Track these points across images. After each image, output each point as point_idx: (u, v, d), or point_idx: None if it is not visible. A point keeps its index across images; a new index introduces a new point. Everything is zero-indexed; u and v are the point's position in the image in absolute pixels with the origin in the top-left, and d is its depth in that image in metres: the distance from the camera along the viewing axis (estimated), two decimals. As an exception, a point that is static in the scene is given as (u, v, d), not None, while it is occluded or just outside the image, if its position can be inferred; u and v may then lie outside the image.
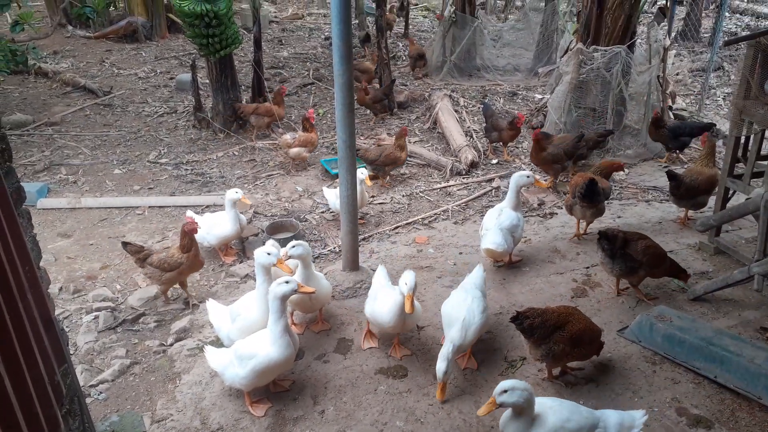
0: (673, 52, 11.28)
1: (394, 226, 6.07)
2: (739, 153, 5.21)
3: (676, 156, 7.64)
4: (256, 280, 3.86)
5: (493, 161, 7.76)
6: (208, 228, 5.23)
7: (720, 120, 8.72)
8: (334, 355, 4.10)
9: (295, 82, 11.11)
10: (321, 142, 8.07)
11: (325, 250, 5.61)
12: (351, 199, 4.59)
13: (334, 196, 5.77)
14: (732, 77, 11.01)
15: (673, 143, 7.28)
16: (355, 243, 4.81)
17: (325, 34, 15.29)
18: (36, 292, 2.23)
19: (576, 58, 7.42)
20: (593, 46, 7.45)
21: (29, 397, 2.01)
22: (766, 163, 5.06)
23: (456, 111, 9.08)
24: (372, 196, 6.72)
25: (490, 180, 7.20)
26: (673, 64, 10.89)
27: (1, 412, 1.82)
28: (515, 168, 7.44)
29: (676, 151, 7.56)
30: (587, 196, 5.18)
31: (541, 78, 11.12)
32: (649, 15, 13.40)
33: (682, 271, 4.55)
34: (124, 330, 4.48)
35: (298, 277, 3.92)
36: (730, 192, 5.32)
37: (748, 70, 4.77)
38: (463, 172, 7.33)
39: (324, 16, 17.82)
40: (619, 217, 6.19)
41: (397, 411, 3.59)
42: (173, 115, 9.38)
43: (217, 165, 7.58)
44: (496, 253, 4.82)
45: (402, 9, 15.97)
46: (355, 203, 4.66)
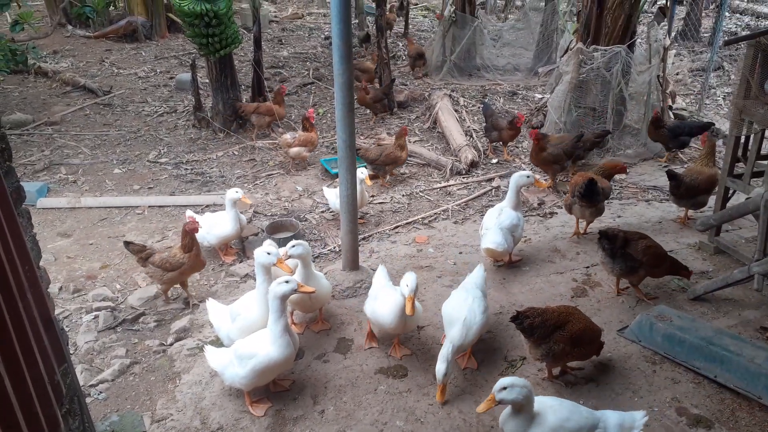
0: (673, 51, 11.28)
1: (394, 226, 6.07)
2: (739, 152, 5.22)
3: (674, 155, 7.63)
4: (256, 279, 3.86)
5: (493, 161, 7.76)
6: (208, 228, 5.23)
7: (720, 120, 8.72)
8: (334, 354, 4.10)
9: (295, 81, 11.11)
10: (321, 142, 8.08)
11: (325, 250, 5.61)
12: (351, 198, 4.59)
13: (334, 196, 5.77)
14: (732, 77, 11.01)
15: (673, 143, 7.27)
16: (355, 242, 4.81)
17: (325, 33, 15.28)
18: (36, 292, 2.22)
19: (576, 57, 7.42)
20: (593, 46, 7.44)
21: (29, 396, 2.01)
22: (766, 162, 5.06)
23: (456, 110, 9.08)
24: (372, 196, 6.72)
25: (490, 179, 7.20)
26: (673, 63, 10.89)
27: (1, 411, 1.82)
28: (515, 167, 7.44)
29: (674, 151, 7.56)
30: (586, 196, 5.19)
31: (541, 77, 11.12)
32: (649, 15, 13.40)
33: (684, 268, 4.53)
34: (124, 329, 4.48)
35: (298, 276, 3.92)
36: (730, 191, 5.32)
37: (748, 69, 4.77)
38: (463, 172, 7.33)
39: (324, 16, 17.81)
40: (619, 216, 6.19)
41: (397, 411, 3.59)
42: (173, 114, 9.38)
43: (217, 164, 7.58)
44: (496, 253, 4.82)
45: (401, 8, 15.97)
46: (355, 203, 4.65)
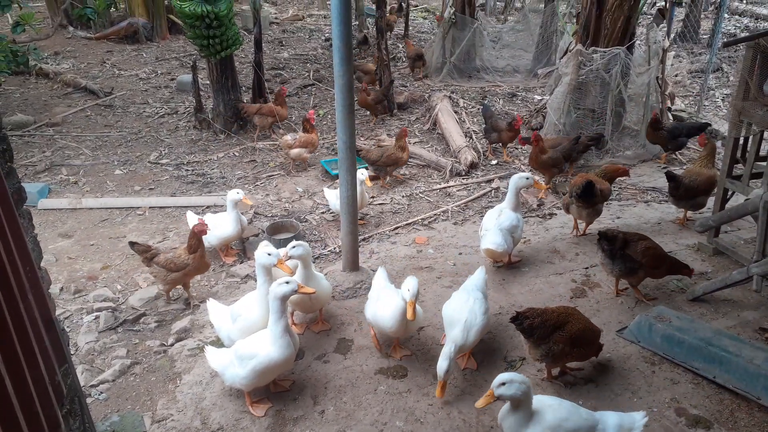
0: (672, 53, 11.30)
1: (394, 227, 6.08)
2: (738, 154, 5.23)
3: (672, 156, 7.64)
4: (256, 280, 3.87)
5: (493, 162, 7.78)
6: (209, 228, 5.24)
7: (719, 121, 8.73)
8: (334, 355, 4.11)
9: (296, 83, 11.14)
10: (321, 143, 8.09)
11: (325, 251, 5.62)
12: (351, 199, 4.60)
13: (335, 197, 5.78)
14: (731, 78, 11.02)
15: (672, 144, 7.29)
16: (355, 243, 4.82)
17: (326, 35, 15.31)
18: (37, 293, 2.23)
19: (575, 59, 7.44)
20: (592, 48, 7.46)
21: (30, 396, 2.01)
22: (764, 163, 5.07)
23: (455, 112, 9.09)
24: (372, 197, 6.74)
25: (490, 181, 7.21)
26: (672, 65, 10.90)
27: (1, 411, 1.83)
28: (515, 169, 7.45)
29: (672, 152, 7.57)
30: (582, 197, 5.23)
31: (541, 79, 11.14)
32: (648, 16, 13.41)
33: (684, 267, 4.53)
34: (125, 330, 4.49)
35: (298, 277, 3.93)
36: (729, 193, 5.33)
37: (747, 71, 4.78)
38: (463, 173, 7.35)
39: (324, 18, 17.84)
40: (618, 217, 6.20)
41: (396, 411, 3.60)
42: (174, 115, 9.40)
43: (218, 166, 7.60)
44: (495, 254, 4.83)
45: (400, 10, 15.99)
46: (356, 204, 4.66)
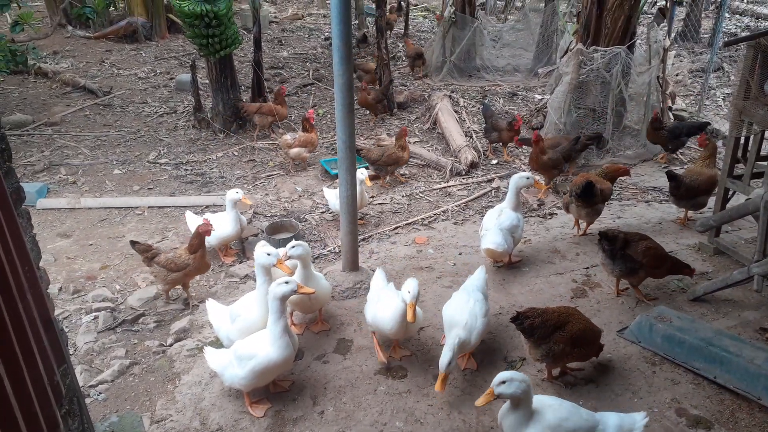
0: (673, 52, 11.29)
1: (394, 227, 6.07)
2: (739, 153, 5.22)
3: (671, 153, 7.63)
4: (255, 280, 3.86)
5: (493, 161, 7.77)
6: (214, 229, 5.21)
7: (719, 121, 8.72)
8: (334, 355, 4.10)
9: (295, 82, 11.12)
10: (321, 143, 8.08)
11: (324, 251, 5.61)
12: (351, 199, 4.59)
13: (334, 197, 5.77)
14: (732, 78, 11.01)
15: (672, 144, 7.28)
16: (354, 243, 4.81)
17: (325, 34, 15.29)
18: (35, 293, 2.22)
19: (576, 58, 7.43)
20: (593, 47, 7.45)
21: (28, 397, 2.00)
22: (765, 163, 5.06)
23: (456, 111, 9.08)
24: (372, 197, 6.73)
25: (490, 180, 7.20)
26: (672, 64, 10.90)
27: (0, 412, 1.82)
28: (515, 168, 7.45)
29: (672, 152, 7.57)
30: (581, 196, 5.25)
31: (541, 78, 11.12)
32: (649, 16, 13.41)
33: (686, 266, 4.52)
34: (124, 330, 4.48)
35: (298, 277, 3.92)
36: (730, 192, 5.32)
37: (748, 70, 4.77)
38: (463, 173, 7.34)
39: (324, 17, 17.82)
40: (618, 217, 6.19)
41: (396, 411, 3.59)
42: (173, 115, 9.38)
43: (217, 165, 7.58)
44: (495, 253, 4.82)
45: (400, 9, 15.97)
46: (355, 204, 4.65)
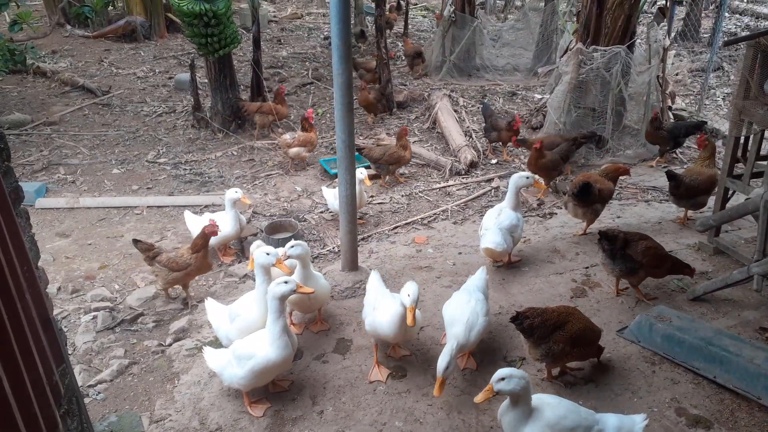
0: (673, 52, 11.28)
1: (394, 226, 6.06)
2: (739, 153, 5.22)
3: (670, 153, 7.64)
4: (255, 280, 3.85)
5: (493, 161, 7.76)
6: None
7: (719, 120, 8.72)
8: (333, 355, 4.09)
9: (294, 81, 11.11)
10: (320, 142, 8.07)
11: (324, 250, 5.60)
12: (350, 199, 4.59)
13: (333, 197, 5.76)
14: (731, 77, 11.01)
15: (670, 144, 7.29)
16: (354, 243, 4.81)
17: (324, 33, 15.28)
18: (34, 292, 2.22)
19: (575, 58, 7.42)
20: (593, 46, 7.44)
21: (27, 397, 2.00)
22: (765, 163, 5.06)
23: (455, 111, 9.07)
24: (371, 196, 6.72)
25: (490, 180, 7.19)
26: (672, 64, 10.89)
27: (-1, 412, 1.82)
28: (515, 168, 7.44)
29: (671, 152, 7.58)
30: (578, 196, 5.30)
31: (541, 78, 11.10)
32: (649, 15, 13.41)
33: (686, 266, 4.51)
34: (123, 330, 4.48)
35: (297, 277, 3.91)
36: (730, 192, 5.32)
37: (748, 70, 4.77)
38: (463, 172, 7.33)
39: (323, 16, 17.81)
40: (618, 217, 6.19)
41: (396, 411, 3.58)
42: (172, 114, 9.37)
43: (216, 165, 7.57)
44: (495, 253, 4.81)
45: (399, 8, 15.95)
46: (354, 203, 4.65)
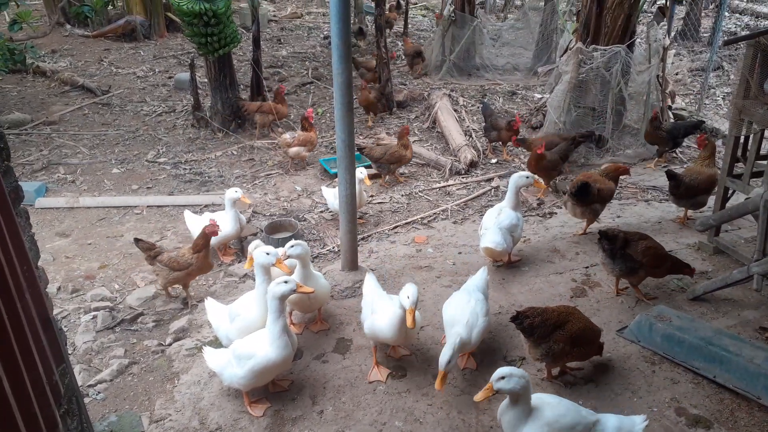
0: (673, 51, 11.28)
1: (393, 226, 6.06)
2: (739, 153, 5.21)
3: (669, 153, 7.64)
4: (255, 279, 3.85)
5: (493, 161, 7.76)
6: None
7: (719, 120, 8.72)
8: (333, 355, 4.09)
9: (294, 81, 11.10)
10: (320, 142, 8.07)
11: (324, 250, 5.60)
12: (350, 198, 4.59)
13: (333, 196, 5.76)
14: (731, 77, 11.01)
15: (669, 145, 7.30)
16: (354, 243, 4.81)
17: (324, 33, 15.27)
18: (34, 292, 2.22)
19: (575, 57, 7.42)
20: (593, 46, 7.44)
21: (27, 397, 2.00)
22: (765, 162, 5.05)
23: (455, 110, 9.07)
24: (371, 196, 6.72)
25: (490, 179, 7.20)
26: (672, 63, 10.89)
27: (-2, 412, 1.82)
28: (514, 167, 7.44)
29: (669, 152, 7.58)
30: (577, 196, 5.33)
31: (541, 77, 11.11)
32: (649, 14, 13.39)
33: (686, 266, 4.51)
34: (123, 330, 4.48)
35: (297, 276, 3.91)
36: (730, 192, 5.32)
37: (748, 69, 4.76)
38: (463, 172, 7.33)
39: (323, 15, 17.80)
40: (618, 216, 6.19)
41: (396, 411, 3.58)
42: (172, 114, 9.37)
43: (216, 164, 7.57)
44: (494, 252, 4.81)
45: (398, 8, 15.94)
46: (354, 203, 4.65)
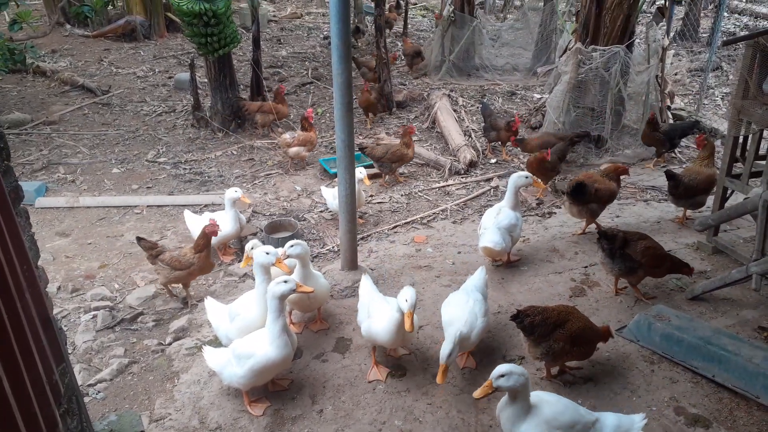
0: (672, 51, 11.28)
1: (393, 226, 6.07)
2: (738, 153, 5.22)
3: (668, 153, 7.64)
4: (254, 279, 3.86)
5: (492, 161, 7.77)
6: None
7: (718, 120, 8.73)
8: (333, 354, 4.10)
9: (294, 81, 11.11)
10: (320, 142, 8.07)
11: (323, 250, 5.61)
12: (350, 198, 4.59)
13: (332, 196, 5.77)
14: (730, 77, 11.01)
15: (666, 146, 7.30)
16: (353, 242, 4.81)
17: (324, 33, 15.28)
18: (34, 291, 2.22)
19: (575, 57, 7.43)
20: (592, 46, 7.45)
21: (27, 396, 2.00)
22: (764, 162, 5.06)
23: (455, 110, 9.08)
24: (371, 196, 6.72)
25: (489, 179, 7.20)
26: (671, 63, 10.89)
27: (-1, 411, 1.82)
28: (514, 167, 7.45)
29: (671, 152, 7.59)
30: (571, 194, 5.38)
31: (540, 77, 11.12)
32: (648, 15, 13.42)
33: (685, 265, 4.51)
34: (123, 329, 4.48)
35: (297, 276, 3.92)
36: (729, 191, 5.33)
37: (747, 70, 4.77)
38: (462, 172, 7.34)
39: (323, 15, 17.81)
40: (617, 216, 6.20)
41: (395, 410, 3.59)
42: (172, 114, 9.37)
43: (216, 164, 7.58)
44: (493, 252, 4.82)
45: (398, 8, 15.95)
46: (354, 203, 4.65)
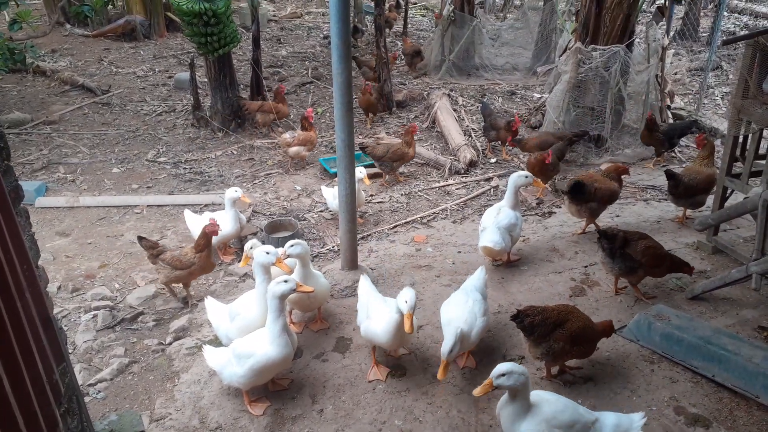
0: (672, 51, 11.28)
1: (393, 225, 6.07)
2: (738, 152, 5.22)
3: (668, 153, 7.65)
4: (255, 279, 3.86)
5: (492, 160, 7.77)
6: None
7: (718, 119, 8.73)
8: (333, 354, 4.10)
9: (294, 81, 11.10)
10: (320, 141, 8.07)
11: (323, 249, 5.61)
12: (350, 198, 4.59)
13: (332, 196, 5.77)
14: (730, 76, 11.02)
15: (665, 146, 7.31)
16: (353, 242, 4.81)
17: (324, 32, 15.27)
18: (34, 291, 2.22)
19: (574, 57, 7.43)
20: (592, 46, 7.45)
21: (27, 396, 2.00)
22: (764, 162, 5.06)
23: (455, 110, 9.08)
24: (371, 195, 6.73)
25: (489, 179, 7.20)
26: (671, 63, 10.89)
27: (-1, 411, 1.82)
28: (514, 167, 7.45)
29: (671, 151, 7.59)
30: (569, 193, 5.41)
31: (540, 77, 11.12)
32: (648, 14, 13.41)
33: (685, 265, 4.51)
34: (123, 329, 4.48)
35: (297, 276, 3.92)
36: (729, 191, 5.33)
37: (747, 69, 4.77)
38: (462, 171, 7.34)
39: (323, 15, 17.80)
40: (617, 216, 6.20)
41: (395, 410, 3.59)
42: (172, 113, 9.37)
43: (216, 164, 7.58)
44: (493, 251, 4.82)
45: (398, 7, 15.94)
46: (354, 202, 4.65)
